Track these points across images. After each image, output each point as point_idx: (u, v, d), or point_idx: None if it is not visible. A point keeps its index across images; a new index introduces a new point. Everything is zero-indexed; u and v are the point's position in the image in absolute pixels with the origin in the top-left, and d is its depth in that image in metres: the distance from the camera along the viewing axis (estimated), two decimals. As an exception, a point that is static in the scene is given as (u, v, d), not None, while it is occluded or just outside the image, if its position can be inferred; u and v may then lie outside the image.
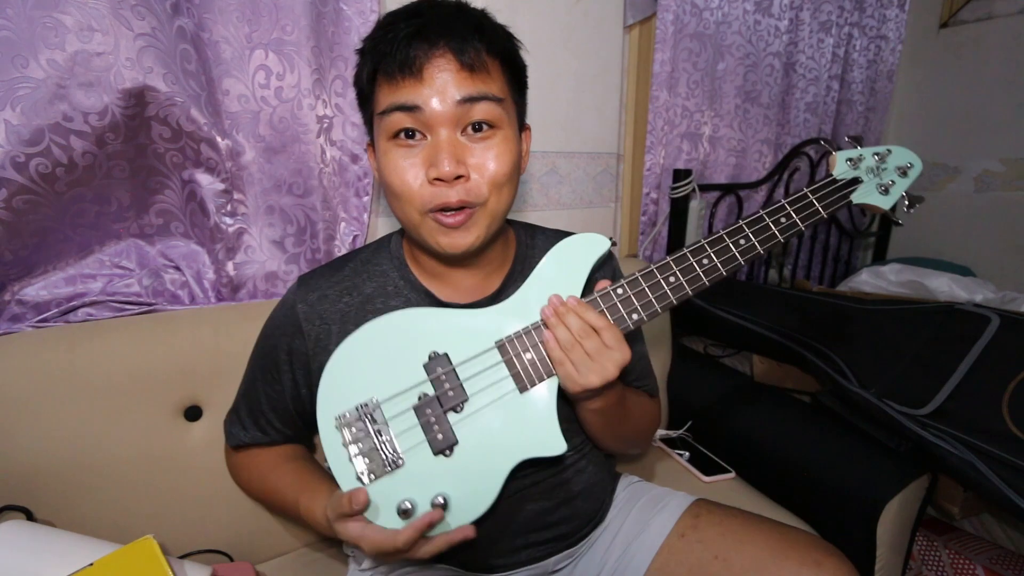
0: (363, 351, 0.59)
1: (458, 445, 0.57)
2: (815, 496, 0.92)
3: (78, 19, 0.69)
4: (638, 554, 0.69)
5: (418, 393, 0.57)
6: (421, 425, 0.57)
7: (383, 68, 0.55)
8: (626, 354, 0.56)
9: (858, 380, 0.99)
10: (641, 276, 0.58)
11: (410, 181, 0.56)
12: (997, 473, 0.79)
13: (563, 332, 0.56)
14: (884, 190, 0.61)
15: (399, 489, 0.56)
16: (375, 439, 0.56)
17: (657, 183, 1.36)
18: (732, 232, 0.59)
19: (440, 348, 0.58)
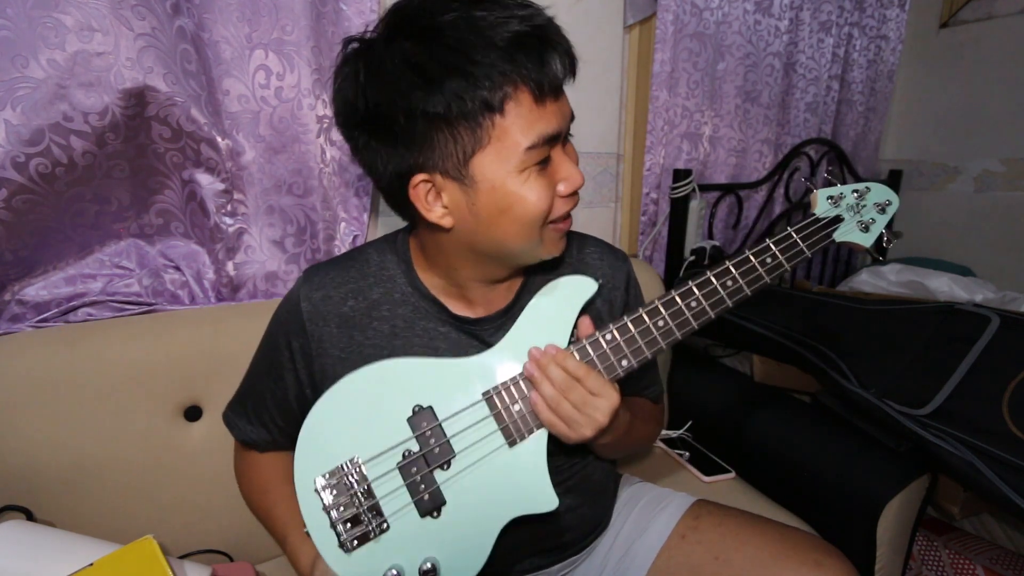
0: (343, 406, 0.56)
1: (446, 505, 0.54)
2: (815, 496, 0.92)
3: (78, 19, 0.69)
4: (639, 555, 0.69)
5: (402, 451, 0.55)
6: (407, 486, 0.54)
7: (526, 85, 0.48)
8: (613, 399, 0.54)
9: (858, 380, 0.99)
10: (630, 322, 0.56)
11: (548, 199, 0.53)
12: (997, 473, 0.79)
13: (548, 388, 0.54)
14: (864, 227, 0.61)
15: (385, 556, 0.53)
16: (358, 503, 0.53)
17: (657, 183, 1.36)
18: (720, 274, 0.57)
19: (424, 401, 0.56)
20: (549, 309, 0.59)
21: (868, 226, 0.61)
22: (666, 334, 0.56)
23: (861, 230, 0.61)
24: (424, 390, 0.56)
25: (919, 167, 1.81)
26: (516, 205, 0.51)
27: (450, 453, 0.55)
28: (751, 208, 1.53)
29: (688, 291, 0.57)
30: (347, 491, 0.54)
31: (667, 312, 0.56)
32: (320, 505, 0.53)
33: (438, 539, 0.54)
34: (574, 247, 0.70)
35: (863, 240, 0.61)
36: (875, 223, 0.61)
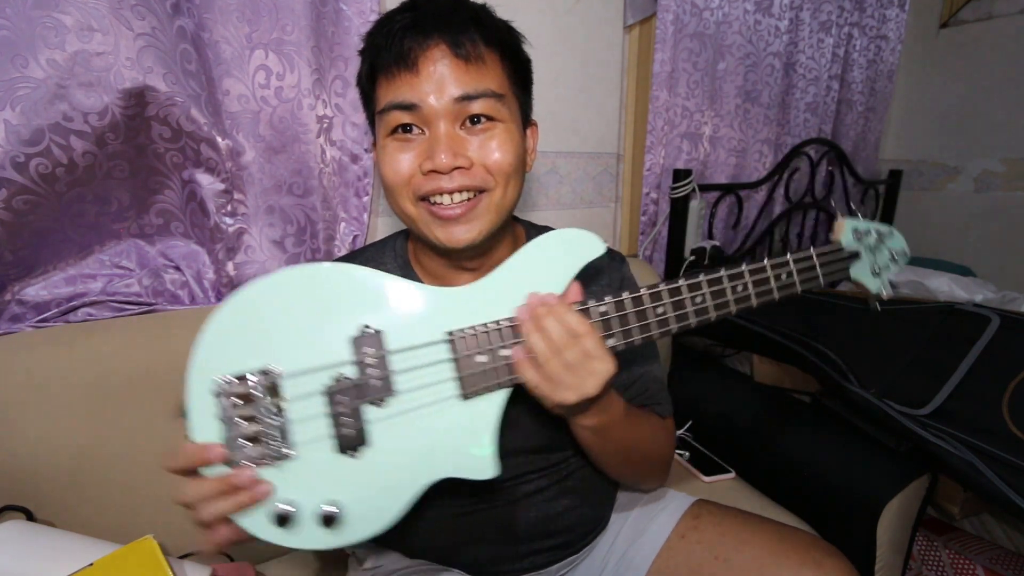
0: (282, 300, 0.47)
1: (369, 447, 0.47)
2: (815, 496, 0.92)
3: (78, 19, 0.69)
4: (639, 555, 0.69)
5: (335, 374, 0.47)
6: (330, 415, 0.46)
7: (380, 63, 0.54)
8: (610, 367, 0.48)
9: (858, 380, 0.99)
10: (630, 299, 0.51)
11: (402, 170, 0.55)
12: (997, 473, 0.79)
13: (539, 342, 0.48)
14: (876, 272, 0.60)
15: (283, 487, 0.45)
16: (265, 420, 0.45)
17: (657, 183, 1.36)
18: (733, 276, 0.53)
19: (376, 323, 0.48)
20: (543, 260, 0.52)
21: (879, 271, 0.60)
22: (662, 323, 0.52)
23: (873, 273, 0.60)
24: (380, 311, 0.48)
25: (919, 167, 1.81)
26: (381, 167, 0.57)
27: (389, 391, 0.47)
28: (751, 208, 1.53)
29: (696, 285, 0.53)
30: (253, 403, 0.45)
31: (670, 300, 0.52)
32: (215, 412, 0.45)
33: (349, 481, 0.47)
34: None
35: (871, 285, 0.60)
36: (886, 270, 0.61)
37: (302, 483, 0.46)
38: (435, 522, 0.65)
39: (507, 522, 0.65)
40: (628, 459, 0.63)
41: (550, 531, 0.67)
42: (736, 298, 0.54)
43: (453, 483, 0.62)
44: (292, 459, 0.46)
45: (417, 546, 0.68)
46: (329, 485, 0.46)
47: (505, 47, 0.57)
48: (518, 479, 0.65)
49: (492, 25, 0.56)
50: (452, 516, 0.65)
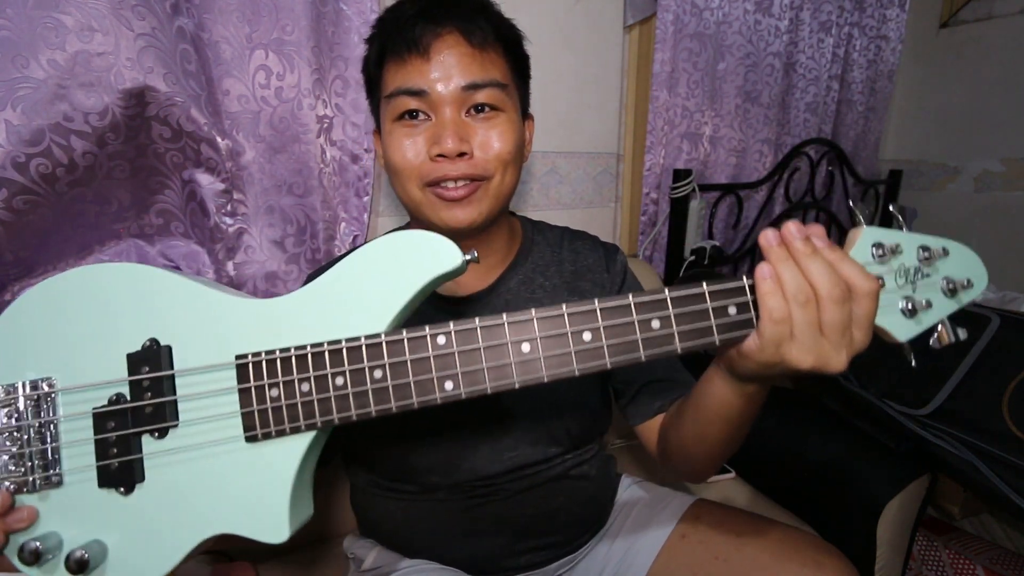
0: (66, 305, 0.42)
1: (142, 485, 0.40)
2: (815, 496, 0.92)
3: (78, 19, 0.69)
4: (639, 555, 0.69)
5: (111, 394, 0.41)
6: (96, 442, 0.40)
7: (391, 48, 0.55)
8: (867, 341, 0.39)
9: (858, 380, 0.99)
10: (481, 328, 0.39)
11: (410, 157, 0.56)
12: (997, 473, 0.79)
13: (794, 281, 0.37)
14: (910, 311, 0.39)
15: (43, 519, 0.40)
16: (26, 439, 0.40)
17: (657, 183, 1.36)
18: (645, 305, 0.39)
19: (165, 337, 0.41)
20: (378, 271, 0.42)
21: (917, 310, 0.39)
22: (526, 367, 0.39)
23: (904, 312, 0.40)
24: (173, 323, 0.41)
25: (919, 167, 1.81)
26: (388, 153, 0.58)
27: (169, 419, 0.40)
28: (751, 208, 1.53)
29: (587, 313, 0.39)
30: (18, 419, 0.40)
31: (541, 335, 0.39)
32: None
33: (116, 522, 0.40)
34: (565, 240, 0.72)
35: (898, 330, 0.40)
36: (930, 309, 0.40)
37: (67, 517, 0.40)
38: (431, 518, 0.66)
39: (504, 519, 0.65)
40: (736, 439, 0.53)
41: (547, 528, 0.67)
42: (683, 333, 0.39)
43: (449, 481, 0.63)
44: (59, 488, 0.41)
45: (414, 542, 0.68)
46: (92, 524, 0.40)
47: (509, 41, 0.59)
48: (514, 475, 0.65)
49: (499, 19, 0.58)
50: (447, 512, 0.65)
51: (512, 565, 0.67)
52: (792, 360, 0.38)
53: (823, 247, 0.38)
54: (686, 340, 0.39)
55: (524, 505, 0.65)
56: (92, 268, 0.42)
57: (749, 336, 0.39)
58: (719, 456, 0.55)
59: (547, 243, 0.71)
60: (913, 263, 0.40)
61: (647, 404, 0.65)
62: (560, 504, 0.67)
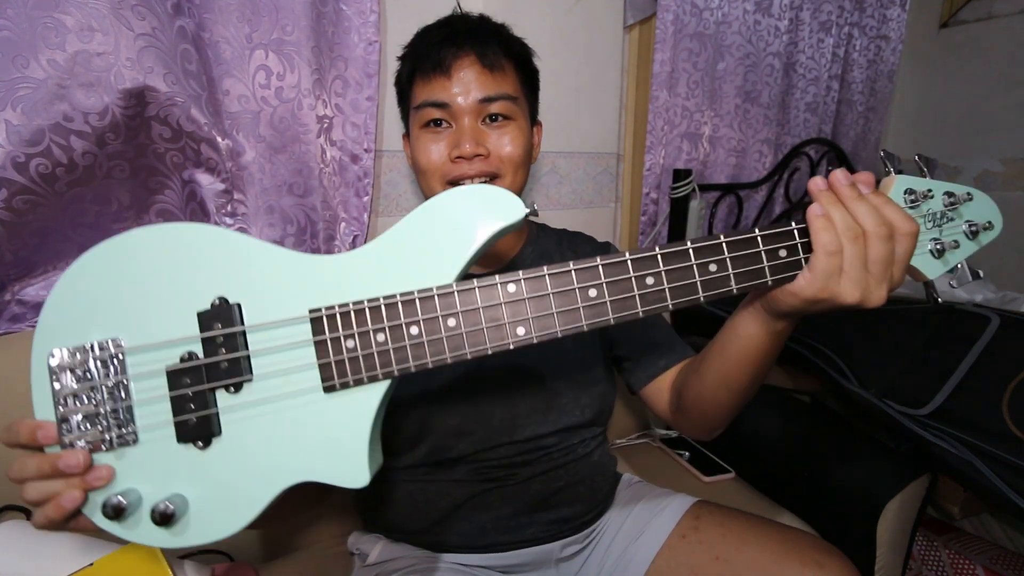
0: (130, 265, 0.42)
1: (219, 438, 0.41)
2: (815, 496, 0.92)
3: (78, 19, 0.69)
4: (638, 554, 0.69)
5: (182, 352, 0.41)
6: (171, 399, 0.41)
7: (419, 67, 0.66)
8: (903, 278, 0.43)
9: (858, 380, 0.99)
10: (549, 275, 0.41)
11: (435, 158, 0.65)
12: (997, 473, 0.79)
13: (844, 220, 0.41)
14: (939, 251, 0.44)
15: (123, 476, 0.41)
16: (100, 398, 0.41)
17: (657, 183, 1.36)
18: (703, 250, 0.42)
19: (233, 295, 0.42)
20: (445, 224, 0.42)
21: (944, 250, 0.44)
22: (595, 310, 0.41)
23: (933, 253, 0.44)
24: (240, 281, 0.42)
25: (919, 167, 1.81)
26: (416, 155, 0.68)
27: (244, 374, 0.41)
28: (751, 208, 1.53)
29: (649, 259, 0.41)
30: (92, 380, 0.41)
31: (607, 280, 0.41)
32: (50, 389, 0.41)
33: (196, 475, 0.41)
34: (565, 237, 0.80)
35: (929, 269, 0.44)
36: (956, 249, 0.44)
37: (144, 473, 0.41)
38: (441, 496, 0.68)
39: (512, 495, 0.68)
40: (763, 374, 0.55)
41: (549, 505, 0.69)
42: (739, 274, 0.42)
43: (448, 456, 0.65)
44: (135, 445, 0.41)
45: (422, 522, 0.69)
46: (172, 478, 0.41)
47: (519, 58, 0.69)
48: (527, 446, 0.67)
49: (510, 40, 0.68)
50: (458, 489, 0.67)
51: (517, 539, 0.68)
52: (841, 293, 0.41)
53: (868, 192, 0.42)
54: (741, 281, 0.42)
55: (529, 482, 0.68)
56: (155, 228, 0.42)
57: (799, 274, 0.42)
58: (738, 402, 0.58)
59: (549, 238, 0.79)
60: (940, 207, 0.44)
61: (652, 364, 0.71)
62: (566, 483, 0.70)
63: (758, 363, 0.52)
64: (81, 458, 0.39)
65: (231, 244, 0.42)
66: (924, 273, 0.44)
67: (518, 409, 0.68)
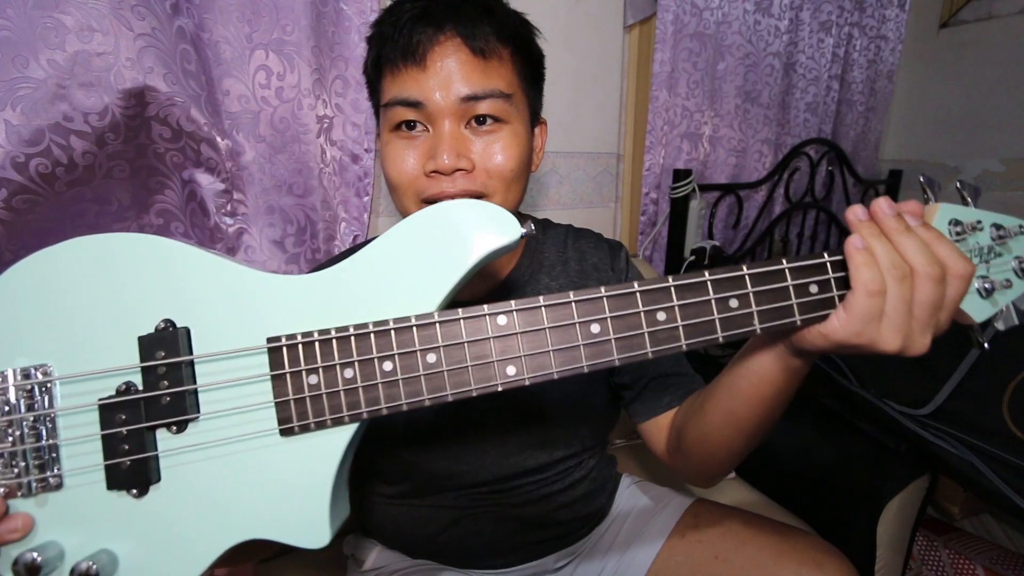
0: (64, 281, 0.36)
1: (157, 486, 0.36)
2: (815, 496, 0.92)
3: (78, 19, 0.69)
4: (638, 554, 0.69)
5: (118, 383, 0.36)
6: (103, 437, 0.36)
7: (386, 55, 0.52)
8: (949, 324, 0.38)
9: (858, 380, 0.99)
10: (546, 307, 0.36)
11: (407, 170, 0.52)
12: (997, 473, 0.79)
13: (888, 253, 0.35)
14: (987, 291, 0.38)
15: (44, 527, 0.35)
16: (22, 435, 0.35)
17: (657, 183, 1.36)
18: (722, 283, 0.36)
19: (181, 318, 0.36)
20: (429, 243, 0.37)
21: (993, 290, 0.38)
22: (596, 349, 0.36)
23: (980, 292, 0.38)
24: (189, 302, 0.36)
25: (919, 167, 1.81)
26: (384, 165, 0.55)
27: (189, 412, 0.36)
28: (751, 208, 1.53)
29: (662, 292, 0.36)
30: (10, 413, 0.35)
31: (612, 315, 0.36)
32: None
33: (129, 528, 0.36)
34: (570, 239, 0.70)
35: (975, 310, 0.38)
36: (1008, 288, 0.39)
37: (68, 523, 0.35)
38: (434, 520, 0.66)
39: (506, 517, 0.66)
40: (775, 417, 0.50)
41: (544, 524, 0.67)
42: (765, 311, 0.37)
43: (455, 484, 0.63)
44: (59, 491, 0.36)
45: (416, 542, 0.68)
46: (100, 531, 0.35)
47: (518, 41, 0.55)
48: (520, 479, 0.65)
49: (506, 18, 0.53)
50: (450, 514, 0.65)
51: (510, 559, 0.67)
52: (879, 339, 0.36)
53: (917, 225, 0.36)
54: (765, 320, 0.36)
55: (524, 504, 0.66)
56: (94, 239, 0.36)
57: (832, 314, 0.36)
58: (744, 447, 0.51)
59: (552, 243, 0.69)
60: (988, 241, 0.38)
61: (655, 400, 0.62)
62: (561, 504, 0.68)
63: (772, 403, 0.46)
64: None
65: (180, 258, 0.37)
66: (970, 315, 0.39)
67: (511, 446, 0.62)
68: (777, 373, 0.43)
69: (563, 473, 0.67)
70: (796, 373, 0.43)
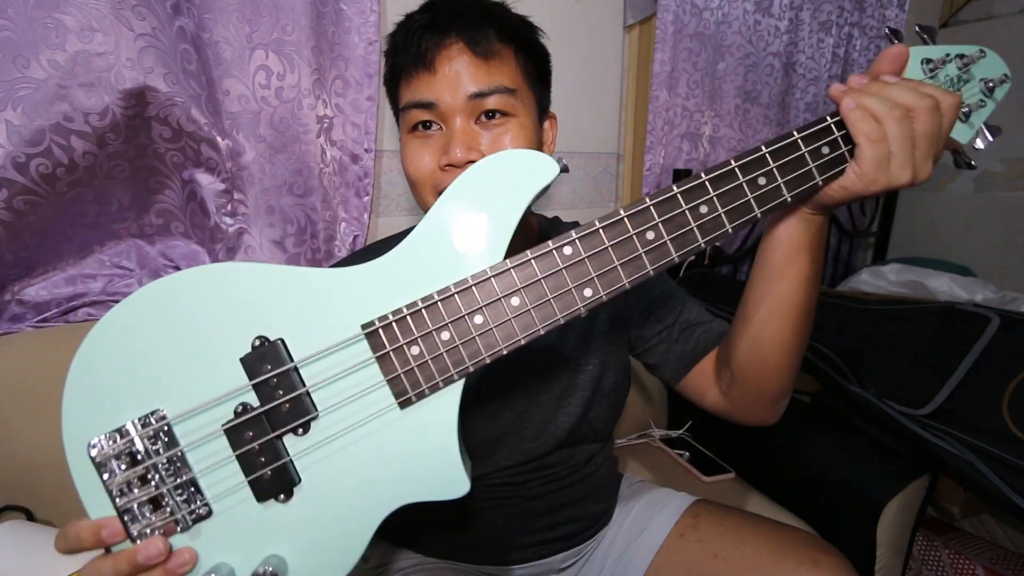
0: (145, 328, 0.38)
1: (300, 486, 0.39)
2: (815, 496, 0.92)
3: (79, 19, 0.69)
4: (638, 554, 0.69)
5: (235, 405, 0.38)
6: (238, 457, 0.38)
7: (400, 64, 0.57)
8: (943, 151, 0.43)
9: (858, 380, 0.99)
10: (603, 228, 0.39)
11: (424, 167, 0.57)
12: (997, 473, 0.79)
13: (881, 102, 0.39)
14: (965, 115, 0.44)
15: (206, 552, 0.38)
16: (159, 479, 0.37)
17: (657, 183, 1.36)
18: (748, 165, 0.40)
19: (272, 331, 0.38)
20: (477, 201, 0.40)
21: (969, 112, 0.44)
22: (657, 253, 0.39)
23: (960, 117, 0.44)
24: (274, 315, 0.39)
25: (919, 167, 1.81)
26: (404, 163, 0.59)
27: (308, 412, 0.38)
28: (751, 208, 1.53)
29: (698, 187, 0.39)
30: (141, 461, 0.37)
31: (661, 219, 0.39)
32: (100, 483, 0.37)
33: (286, 531, 0.38)
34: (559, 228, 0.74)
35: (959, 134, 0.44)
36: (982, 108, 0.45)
37: (229, 544, 0.38)
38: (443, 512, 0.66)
39: (517, 512, 0.66)
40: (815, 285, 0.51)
41: (556, 523, 0.68)
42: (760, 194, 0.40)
43: None
44: (211, 518, 0.38)
45: (424, 536, 0.69)
46: (262, 541, 0.38)
47: (520, 41, 0.58)
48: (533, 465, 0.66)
49: (507, 20, 0.58)
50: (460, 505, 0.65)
51: (522, 556, 0.68)
52: (893, 177, 0.40)
53: (895, 80, 0.41)
54: (792, 188, 0.40)
55: (536, 500, 0.66)
56: (162, 283, 0.38)
57: (847, 167, 0.40)
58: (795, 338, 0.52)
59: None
60: (955, 72, 0.43)
61: (692, 348, 0.64)
62: (571, 499, 0.68)
63: (807, 271, 0.49)
64: (161, 546, 0.36)
65: (254, 277, 0.39)
66: (956, 140, 0.44)
67: (526, 434, 0.64)
68: (804, 235, 0.47)
69: (574, 467, 0.68)
70: (821, 229, 0.48)
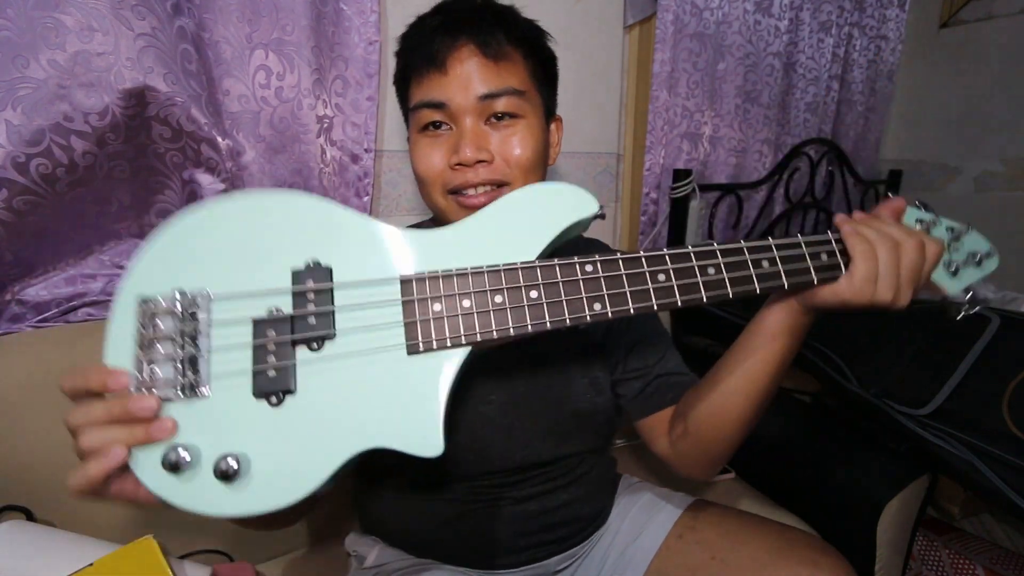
0: (225, 225, 0.43)
1: (293, 395, 0.40)
2: (815, 496, 0.92)
3: (79, 19, 0.69)
4: (637, 554, 0.69)
5: (269, 305, 0.41)
6: (254, 348, 0.41)
7: (411, 64, 0.59)
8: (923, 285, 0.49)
9: (858, 380, 0.99)
10: (623, 260, 0.45)
11: (433, 165, 0.58)
12: (997, 473, 0.79)
13: (876, 231, 0.47)
14: (954, 271, 0.52)
15: (184, 428, 0.39)
16: (179, 344, 0.40)
17: (657, 183, 1.36)
18: (755, 248, 0.47)
19: (326, 259, 0.43)
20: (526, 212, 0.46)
21: (958, 269, 0.52)
22: (663, 292, 0.45)
23: (949, 272, 0.52)
24: (333, 246, 0.43)
25: (919, 167, 1.81)
26: (414, 162, 0.61)
27: (328, 330, 0.41)
28: (751, 208, 1.53)
29: (709, 252, 0.46)
30: (174, 325, 0.40)
31: (673, 266, 0.45)
32: (131, 331, 0.40)
33: (263, 433, 0.40)
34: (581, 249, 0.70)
35: (949, 284, 0.52)
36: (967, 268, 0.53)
37: (209, 427, 0.39)
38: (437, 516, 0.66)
39: (509, 516, 0.66)
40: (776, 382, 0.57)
41: (549, 525, 0.67)
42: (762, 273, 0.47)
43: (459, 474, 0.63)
44: (203, 398, 0.40)
45: (418, 538, 0.68)
46: (239, 434, 0.39)
47: (529, 44, 0.61)
48: (524, 473, 0.65)
49: (516, 24, 0.60)
50: (453, 510, 0.65)
51: (515, 560, 0.67)
52: (876, 295, 0.46)
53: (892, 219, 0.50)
54: (791, 277, 0.47)
55: (528, 502, 0.66)
56: (251, 194, 0.44)
57: (840, 276, 0.47)
58: (751, 414, 0.57)
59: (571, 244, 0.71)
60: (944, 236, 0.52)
61: (661, 395, 0.67)
62: (564, 502, 0.68)
63: (779, 361, 0.54)
64: (154, 404, 0.38)
65: (327, 212, 0.44)
66: (945, 288, 0.52)
67: (516, 439, 0.64)
68: (787, 323, 0.52)
69: (566, 469, 0.68)
70: (803, 328, 0.53)
